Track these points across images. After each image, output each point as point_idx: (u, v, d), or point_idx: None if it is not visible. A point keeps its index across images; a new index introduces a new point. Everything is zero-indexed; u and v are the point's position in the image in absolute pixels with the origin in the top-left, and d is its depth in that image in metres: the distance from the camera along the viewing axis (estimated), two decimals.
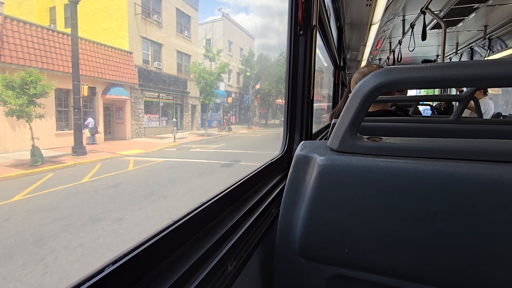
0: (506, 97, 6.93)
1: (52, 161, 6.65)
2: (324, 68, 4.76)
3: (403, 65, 0.40)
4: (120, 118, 11.35)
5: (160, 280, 0.36)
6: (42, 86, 6.28)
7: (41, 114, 6.34)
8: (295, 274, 0.52)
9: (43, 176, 5.60)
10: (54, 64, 7.84)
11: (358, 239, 0.44)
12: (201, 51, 16.02)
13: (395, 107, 1.29)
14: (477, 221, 0.38)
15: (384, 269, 0.44)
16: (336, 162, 0.44)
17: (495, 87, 0.50)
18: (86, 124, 9.30)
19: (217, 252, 0.45)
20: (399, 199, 0.41)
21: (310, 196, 0.46)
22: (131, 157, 8.00)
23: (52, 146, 7.89)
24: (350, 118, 0.43)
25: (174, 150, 9.84)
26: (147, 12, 12.64)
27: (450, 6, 2.40)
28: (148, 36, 12.65)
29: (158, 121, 13.33)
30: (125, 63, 10.85)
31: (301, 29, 1.00)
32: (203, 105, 16.02)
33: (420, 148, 0.42)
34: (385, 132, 0.83)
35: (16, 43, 6.87)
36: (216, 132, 16.24)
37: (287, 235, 0.51)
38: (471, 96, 0.85)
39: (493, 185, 0.37)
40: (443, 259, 0.40)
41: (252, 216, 0.58)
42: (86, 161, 7.00)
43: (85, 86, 8.42)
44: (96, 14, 11.78)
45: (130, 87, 11.27)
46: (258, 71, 21.66)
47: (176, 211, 3.92)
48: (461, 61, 0.39)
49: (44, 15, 11.53)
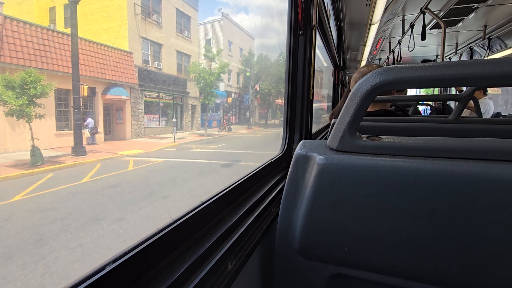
0: (505, 97, 6.93)
1: (52, 161, 6.65)
2: (324, 68, 4.76)
3: (402, 65, 0.40)
4: (120, 118, 11.35)
5: (160, 278, 0.36)
6: (42, 87, 6.29)
7: (41, 114, 6.34)
8: (295, 273, 0.53)
9: (43, 176, 5.60)
10: (54, 64, 7.84)
11: (357, 238, 0.44)
12: (201, 51, 16.04)
13: (395, 107, 1.29)
14: (476, 219, 0.38)
15: (384, 268, 0.44)
16: (336, 161, 0.44)
17: (494, 86, 0.51)
18: (86, 125, 9.31)
19: (217, 251, 0.45)
20: (398, 198, 0.41)
21: (310, 195, 0.46)
22: (131, 157, 8.00)
23: (52, 146, 7.89)
24: (349, 117, 0.43)
25: (174, 150, 9.84)
26: (147, 12, 12.65)
27: (449, 6, 2.40)
28: (148, 36, 12.65)
29: (158, 121, 13.34)
30: (125, 63, 10.86)
31: (301, 29, 1.01)
32: (203, 105, 16.02)
33: (419, 147, 0.43)
34: (385, 131, 0.83)
35: (16, 43, 6.87)
36: (216, 132, 16.25)
37: (287, 234, 0.51)
38: (470, 96, 0.85)
39: (492, 183, 0.37)
40: (442, 257, 0.40)
41: (252, 215, 0.59)
42: (86, 161, 7.01)
43: (85, 86, 8.43)
44: (96, 14, 11.79)
45: (130, 87, 11.27)
46: (258, 71, 21.68)
47: (176, 210, 3.92)
48: (460, 60, 0.39)
49: (44, 15, 11.54)
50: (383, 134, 0.57)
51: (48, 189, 4.80)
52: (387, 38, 3.75)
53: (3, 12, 6.68)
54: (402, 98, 1.33)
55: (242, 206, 0.59)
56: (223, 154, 9.20)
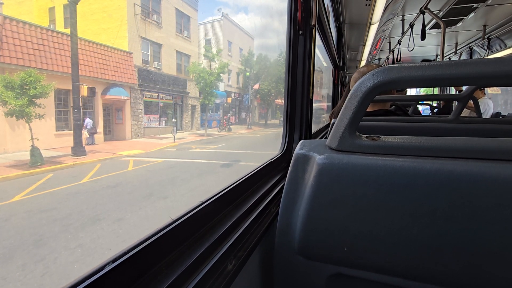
0: (505, 96, 6.94)
1: (52, 162, 6.64)
2: (324, 68, 4.76)
3: (402, 64, 0.40)
4: (119, 119, 11.35)
5: (160, 278, 0.36)
6: (42, 87, 6.28)
7: (41, 115, 6.33)
8: (295, 273, 0.53)
9: (43, 177, 5.60)
10: (54, 65, 7.83)
11: (357, 238, 0.44)
12: (200, 51, 16.05)
13: (395, 107, 1.29)
14: (475, 218, 0.38)
15: (383, 268, 0.44)
16: (335, 160, 0.44)
17: (493, 86, 0.51)
18: (85, 125, 9.31)
19: (217, 250, 0.45)
20: (398, 198, 0.41)
21: (309, 195, 0.47)
22: (131, 157, 7.99)
23: (52, 146, 7.88)
24: (349, 117, 0.43)
25: (174, 151, 9.84)
26: (146, 12, 12.65)
27: (449, 6, 2.41)
28: (147, 36, 12.66)
29: (158, 121, 13.34)
30: (125, 63, 10.85)
31: (301, 29, 1.01)
32: (203, 105, 16.03)
33: (418, 147, 0.43)
34: (384, 131, 0.83)
35: (16, 44, 6.87)
36: (216, 132, 16.26)
37: (287, 234, 0.52)
38: (470, 96, 0.85)
39: (491, 183, 0.37)
40: (442, 257, 0.40)
41: (251, 215, 0.59)
42: (85, 162, 7.00)
43: (84, 86, 8.42)
44: (96, 14, 11.79)
45: (130, 87, 11.27)
46: (258, 71, 21.68)
47: (176, 210, 3.92)
48: (459, 59, 0.39)
49: (44, 15, 11.54)
50: (383, 133, 0.57)
51: (48, 189, 4.80)
52: (387, 38, 3.75)
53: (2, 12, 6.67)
54: (402, 98, 1.33)
55: (242, 205, 0.59)
56: (222, 154, 9.21)
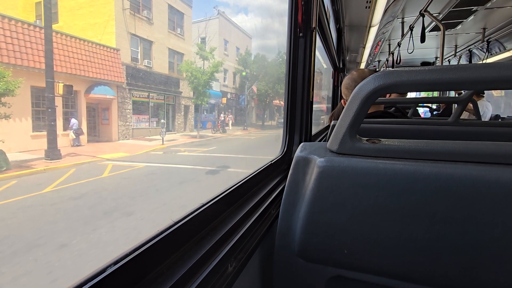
0: (504, 99, 7.18)
1: (21, 166, 6.14)
2: (324, 70, 4.84)
3: (402, 68, 0.43)
4: (106, 119, 11.16)
5: (160, 280, 0.37)
6: (6, 83, 5.75)
7: (7, 114, 5.88)
8: (295, 275, 0.54)
9: (2, 184, 5.03)
10: (30, 60, 7.42)
11: (357, 241, 0.46)
12: (194, 49, 16.02)
13: (394, 108, 1.34)
14: (475, 222, 0.40)
15: (383, 270, 0.46)
16: (336, 163, 0.46)
17: (492, 90, 0.53)
18: (70, 126, 9.12)
19: (217, 253, 0.46)
20: (398, 201, 0.43)
21: (310, 197, 0.48)
22: (111, 162, 7.64)
23: (28, 148, 7.49)
24: (349, 120, 0.45)
25: (161, 154, 9.52)
26: (136, 7, 12.56)
27: (449, 9, 2.49)
28: (137, 32, 12.55)
29: (148, 122, 13.18)
30: (111, 61, 10.68)
31: (301, 31, 1.04)
32: (196, 106, 15.96)
33: (418, 150, 0.45)
34: (384, 134, 0.86)
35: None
36: (210, 133, 16.18)
37: (287, 236, 0.53)
38: (469, 99, 0.90)
39: (491, 186, 0.39)
40: (441, 260, 0.42)
41: (252, 217, 0.60)
42: (59, 166, 6.59)
43: (60, 84, 8.00)
44: (82, 8, 11.63)
45: (117, 86, 11.11)
46: (255, 71, 21.73)
47: (137, 233, 3.33)
48: (459, 64, 0.42)
49: (30, 10, 11.30)
50: (383, 136, 0.59)
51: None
52: (387, 40, 3.85)
53: None
54: (402, 100, 1.38)
55: (242, 207, 0.61)
56: (211, 159, 8.84)
